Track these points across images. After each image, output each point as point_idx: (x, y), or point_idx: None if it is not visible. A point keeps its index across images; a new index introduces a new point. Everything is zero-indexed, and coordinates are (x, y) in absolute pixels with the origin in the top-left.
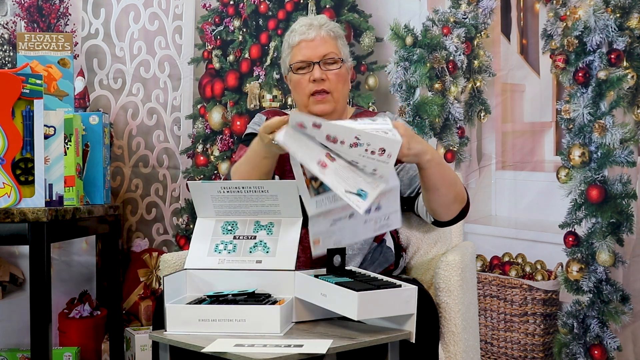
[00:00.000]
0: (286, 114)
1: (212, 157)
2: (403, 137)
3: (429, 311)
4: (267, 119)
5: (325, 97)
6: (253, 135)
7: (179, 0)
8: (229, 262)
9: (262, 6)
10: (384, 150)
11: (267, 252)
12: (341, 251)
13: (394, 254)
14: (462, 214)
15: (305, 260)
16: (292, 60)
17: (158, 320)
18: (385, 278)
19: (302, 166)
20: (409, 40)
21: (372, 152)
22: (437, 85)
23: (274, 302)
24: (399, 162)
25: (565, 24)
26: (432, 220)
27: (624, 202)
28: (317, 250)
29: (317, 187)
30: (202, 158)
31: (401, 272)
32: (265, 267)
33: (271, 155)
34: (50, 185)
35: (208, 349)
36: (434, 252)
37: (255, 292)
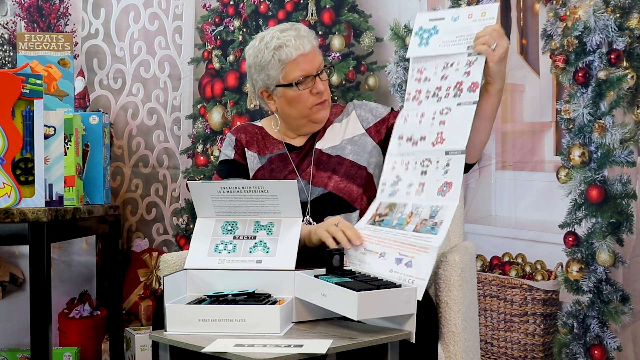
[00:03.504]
0: (257, 126)
1: (212, 157)
2: (499, 48)
3: (428, 311)
4: (237, 139)
5: (324, 103)
6: (227, 162)
7: (179, 0)
8: (229, 262)
9: (262, 6)
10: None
11: (267, 252)
12: (340, 251)
13: None
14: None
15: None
16: (290, 77)
17: (158, 320)
18: (385, 278)
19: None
20: (409, 40)
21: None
22: None
23: (274, 302)
24: None
25: (565, 24)
26: None
27: (624, 202)
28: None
29: (377, 221)
30: (202, 158)
31: None
32: (265, 267)
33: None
34: (50, 185)
35: (208, 349)
36: None
37: (255, 292)
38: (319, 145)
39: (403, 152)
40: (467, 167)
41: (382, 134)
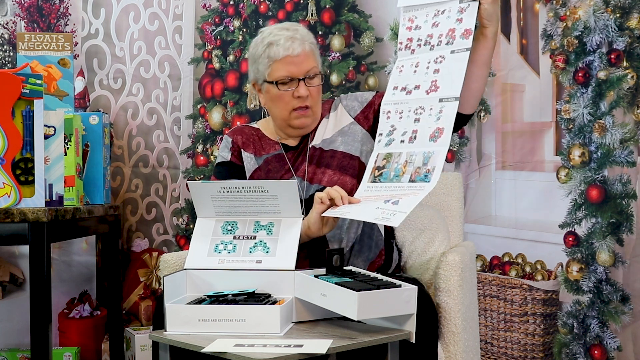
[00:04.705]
0: (253, 127)
1: (212, 157)
2: None
3: (428, 311)
4: (233, 141)
5: (307, 111)
6: (224, 164)
7: (179, 0)
8: (229, 262)
9: (262, 6)
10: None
11: (267, 252)
12: (340, 251)
13: (383, 239)
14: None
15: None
16: (275, 75)
17: (158, 320)
18: (385, 278)
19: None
20: None
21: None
22: None
23: (274, 302)
24: None
25: (565, 24)
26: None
27: (624, 202)
28: (328, 212)
29: (377, 176)
30: (202, 158)
31: (399, 271)
32: (265, 267)
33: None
34: (50, 185)
35: (208, 349)
36: (431, 252)
37: (255, 292)
38: (312, 143)
39: (397, 100)
40: (465, 119)
41: (370, 119)
